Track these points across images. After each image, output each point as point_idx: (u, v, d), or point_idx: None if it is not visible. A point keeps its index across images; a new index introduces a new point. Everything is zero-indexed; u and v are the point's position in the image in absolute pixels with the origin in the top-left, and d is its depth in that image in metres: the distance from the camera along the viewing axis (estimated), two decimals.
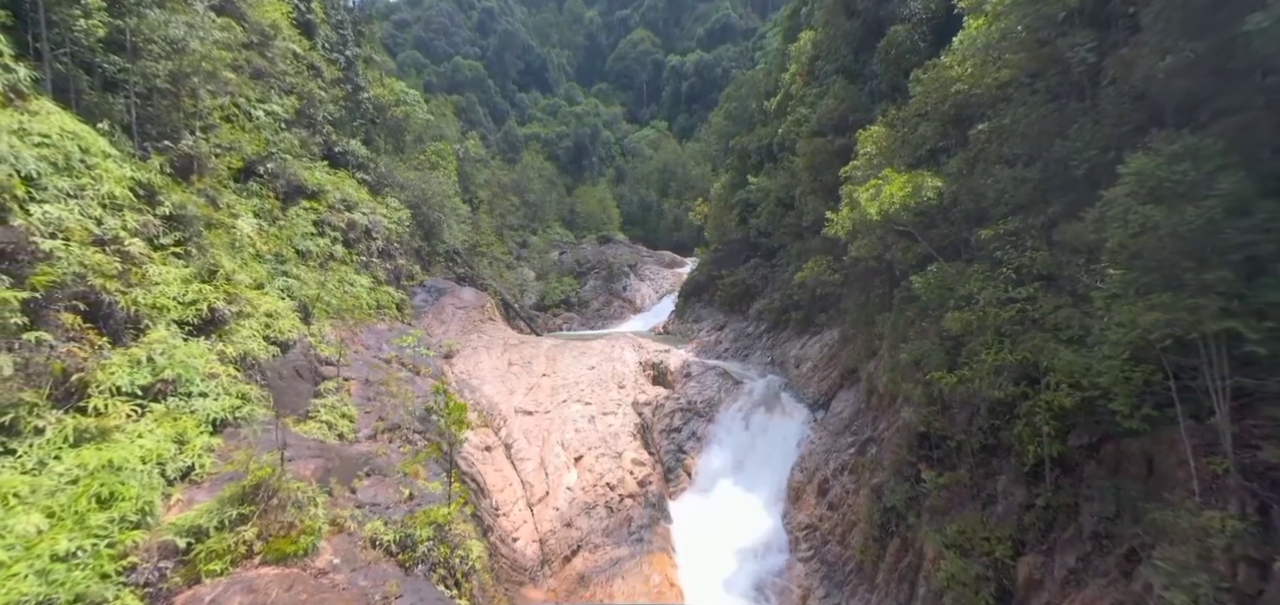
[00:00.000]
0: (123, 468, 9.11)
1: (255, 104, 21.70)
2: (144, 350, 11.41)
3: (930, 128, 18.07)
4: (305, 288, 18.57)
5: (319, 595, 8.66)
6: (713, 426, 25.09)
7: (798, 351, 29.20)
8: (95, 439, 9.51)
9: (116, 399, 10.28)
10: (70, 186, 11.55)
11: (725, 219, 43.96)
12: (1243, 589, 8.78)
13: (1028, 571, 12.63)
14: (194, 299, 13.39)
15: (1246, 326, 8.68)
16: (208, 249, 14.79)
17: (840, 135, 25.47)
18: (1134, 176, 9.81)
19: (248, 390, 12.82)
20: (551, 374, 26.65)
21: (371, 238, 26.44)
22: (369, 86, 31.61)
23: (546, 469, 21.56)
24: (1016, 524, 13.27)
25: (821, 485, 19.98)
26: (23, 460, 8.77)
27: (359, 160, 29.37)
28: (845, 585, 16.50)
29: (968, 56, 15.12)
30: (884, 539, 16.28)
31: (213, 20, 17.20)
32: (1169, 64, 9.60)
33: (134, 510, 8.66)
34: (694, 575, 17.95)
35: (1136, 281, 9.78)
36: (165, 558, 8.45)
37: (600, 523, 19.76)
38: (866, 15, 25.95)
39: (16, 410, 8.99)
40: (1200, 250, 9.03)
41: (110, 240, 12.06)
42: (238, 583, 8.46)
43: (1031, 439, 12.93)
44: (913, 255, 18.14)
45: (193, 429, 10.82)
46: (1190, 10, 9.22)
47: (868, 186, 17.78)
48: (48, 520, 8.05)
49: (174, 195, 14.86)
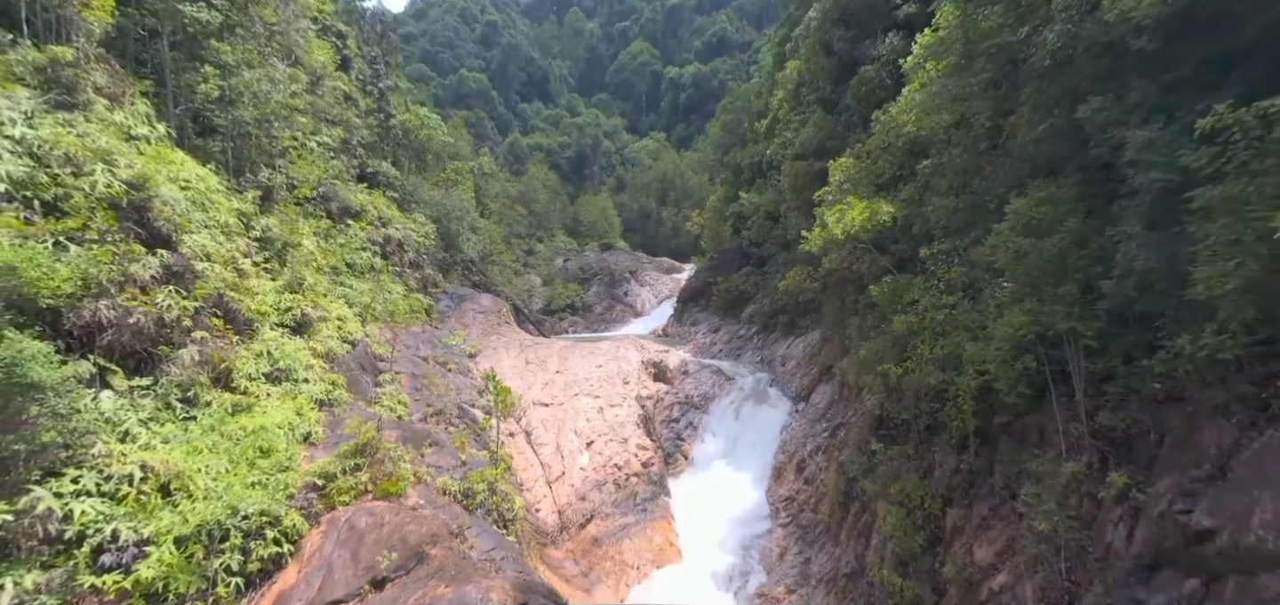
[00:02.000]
0: (268, 430, 12.44)
1: (310, 136, 25.07)
2: (262, 346, 14.73)
3: (887, 161, 21.50)
4: (360, 296, 21.91)
5: (415, 520, 12.01)
6: (707, 417, 28.44)
7: (783, 351, 32.62)
8: (245, 410, 12.82)
9: (253, 382, 13.61)
10: (205, 219, 14.90)
11: (720, 229, 47.44)
12: (1083, 516, 12.16)
13: (952, 521, 15.97)
14: (288, 307, 16.75)
15: (1084, 327, 12.08)
16: (293, 265, 18.15)
17: (819, 159, 28.87)
18: (1014, 214, 13.25)
19: (335, 378, 16.16)
20: (563, 371, 29.97)
21: (403, 250, 29.81)
22: (396, 113, 35.04)
23: (562, 452, 24.87)
24: (946, 485, 16.61)
25: (799, 464, 23.34)
26: (202, 423, 12.07)
27: (389, 180, 32.76)
28: (815, 543, 19.84)
29: (911, 107, 18.52)
30: (847, 504, 19.63)
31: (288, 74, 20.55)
32: (1037, 133, 13.04)
33: (283, 459, 11.97)
34: (690, 538, 21.28)
35: (1015, 292, 13.19)
36: (310, 491, 11.75)
37: (610, 497, 23.08)
38: (842, 54, 29.42)
39: (195, 388, 12.32)
40: (1055, 271, 12.44)
41: (229, 260, 15.41)
42: (361, 509, 11.80)
43: (957, 417, 16.31)
44: (876, 267, 21.53)
45: (305, 405, 14.13)
46: (1048, 96, 12.65)
47: (835, 209, 21.17)
48: (230, 463, 11.37)
49: (262, 220, 18.22)
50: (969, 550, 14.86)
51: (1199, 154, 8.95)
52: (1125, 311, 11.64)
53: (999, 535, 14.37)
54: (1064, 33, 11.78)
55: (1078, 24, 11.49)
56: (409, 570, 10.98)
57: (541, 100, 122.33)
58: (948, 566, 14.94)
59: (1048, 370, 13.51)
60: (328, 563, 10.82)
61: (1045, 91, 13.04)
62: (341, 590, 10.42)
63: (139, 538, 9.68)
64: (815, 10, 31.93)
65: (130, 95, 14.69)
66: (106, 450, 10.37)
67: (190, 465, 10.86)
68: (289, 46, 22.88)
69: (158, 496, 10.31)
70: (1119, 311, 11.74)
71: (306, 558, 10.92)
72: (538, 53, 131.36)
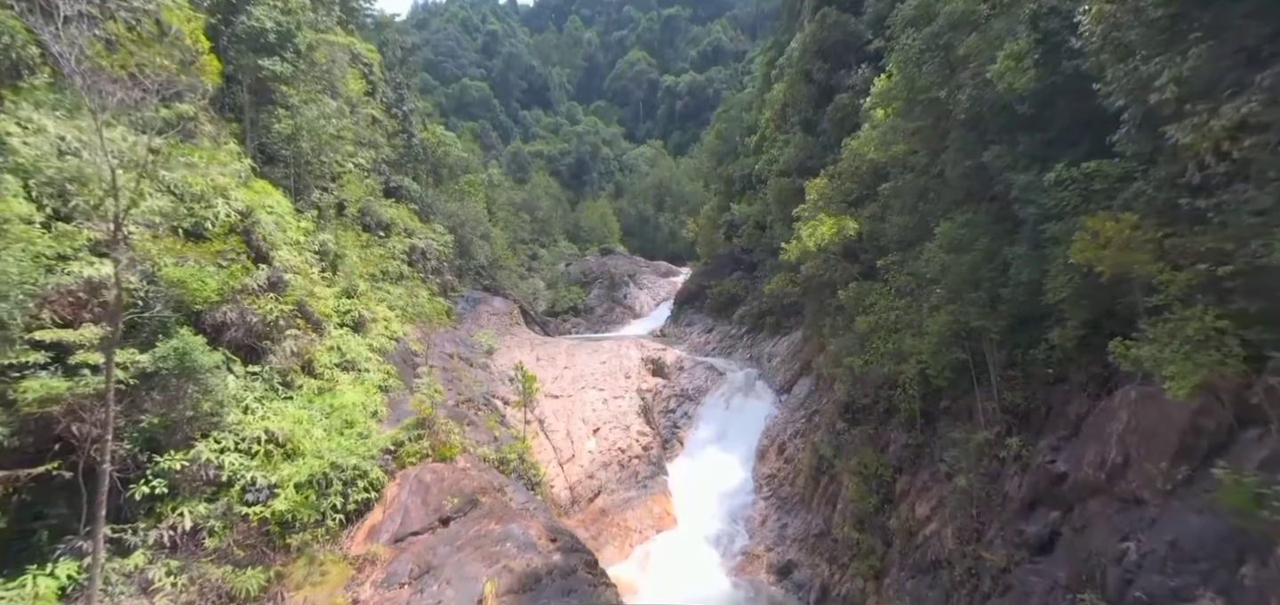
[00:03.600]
0: (348, 407, 15.69)
1: (347, 158, 28.30)
2: (333, 341, 17.97)
3: (854, 183, 24.85)
4: (397, 300, 25.14)
5: (467, 477, 15.29)
6: (701, 408, 31.76)
7: (770, 349, 35.98)
8: (327, 391, 16.04)
9: (330, 370, 16.85)
10: (285, 238, 18.14)
11: (713, 236, 50.76)
12: (990, 473, 15.49)
13: (901, 486, 19.29)
14: (347, 309, 19.99)
15: (992, 325, 15.44)
16: (346, 273, 21.38)
17: (800, 176, 32.20)
18: (941, 234, 16.63)
19: (388, 369, 19.41)
20: (571, 367, 33.22)
21: (426, 258, 33.04)
22: (417, 133, 38.27)
23: (572, 437, 28.11)
24: (897, 457, 19.95)
25: (780, 447, 26.66)
26: (298, 401, 15.30)
27: (410, 194, 35.99)
28: (791, 511, 23.15)
29: (871, 140, 21.88)
30: (818, 477, 22.94)
31: (335, 109, 23.75)
32: (959, 170, 16.41)
33: (362, 430, 15.21)
34: (685, 509, 24.57)
35: (943, 297, 16.55)
36: (385, 454, 15.00)
37: (615, 475, 26.36)
38: (821, 82, 32.82)
39: (291, 374, 15.56)
40: (971, 281, 15.79)
41: (305, 271, 18.65)
42: (425, 468, 15.06)
43: (906, 401, 19.67)
44: (847, 274, 24.85)
45: (372, 389, 17.37)
46: (966, 141, 16.02)
47: (809, 225, 24.56)
48: (324, 431, 14.61)
49: (319, 236, 21.45)
50: (912, 507, 18.22)
51: (1050, 195, 12.34)
52: (1021, 313, 15.01)
53: (934, 494, 17.72)
54: (972, 95, 15.16)
55: (981, 89, 14.86)
56: (466, 512, 14.27)
57: (541, 108, 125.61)
58: (893, 521, 18.31)
59: (971, 360, 16.90)
60: (404, 506, 14.10)
61: (964, 138, 16.42)
62: (418, 524, 13.71)
63: (269, 482, 12.90)
64: (797, 41, 35.32)
65: (225, 136, 17.86)
66: (237, 420, 13.60)
67: (297, 432, 14.11)
68: (332, 81, 26.09)
69: (279, 454, 13.56)
70: (1017, 313, 15.12)
71: (388, 502, 14.19)
72: (537, 61, 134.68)
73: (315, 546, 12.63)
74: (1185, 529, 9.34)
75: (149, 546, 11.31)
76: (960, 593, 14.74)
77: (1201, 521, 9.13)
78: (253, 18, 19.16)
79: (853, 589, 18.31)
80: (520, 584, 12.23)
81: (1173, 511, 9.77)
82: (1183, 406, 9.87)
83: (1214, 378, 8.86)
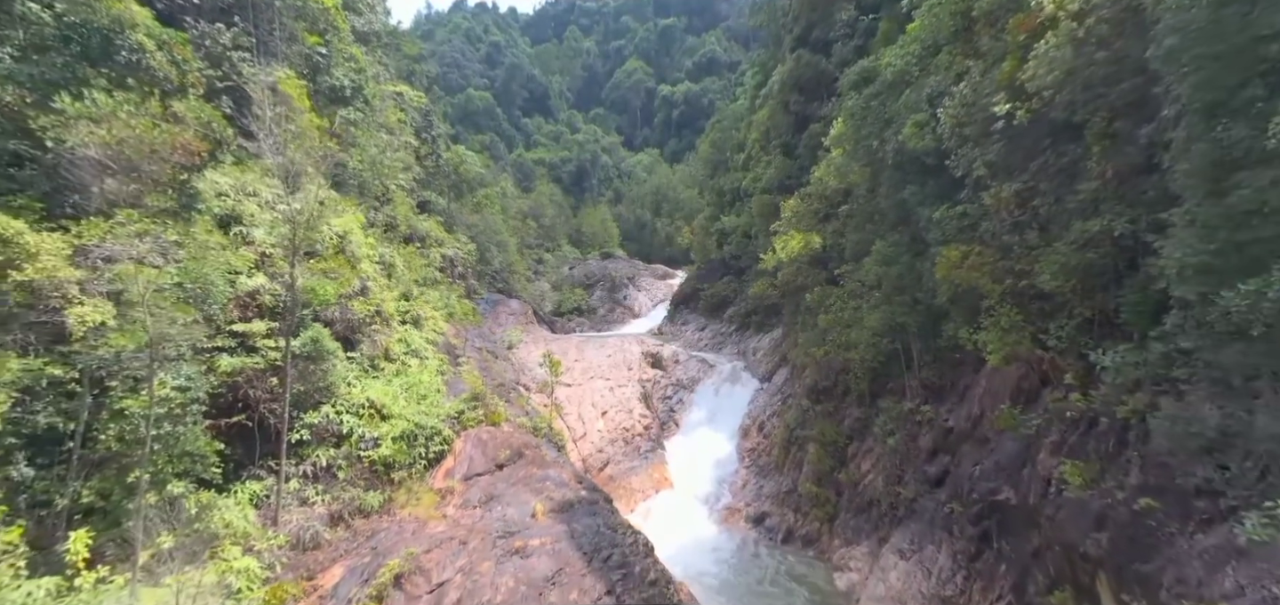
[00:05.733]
0: (420, 384, 20.45)
1: (394, 182, 33.04)
2: (401, 335, 22.73)
3: (820, 204, 29.76)
4: (438, 302, 29.89)
5: (513, 437, 20.10)
6: (694, 395, 36.58)
7: (754, 344, 40.86)
8: (402, 373, 20.80)
9: (401, 357, 21.61)
10: (364, 253, 22.89)
11: (706, 243, 55.62)
12: (910, 433, 20.38)
13: (851, 450, 24.15)
14: (406, 309, 24.75)
15: (913, 321, 20.34)
16: (401, 279, 26.12)
17: (780, 194, 37.07)
18: (876, 252, 21.53)
19: (442, 357, 24.18)
20: (581, 360, 38.02)
21: (454, 265, 37.80)
22: (444, 154, 43.00)
23: (583, 419, 32.91)
24: (850, 428, 24.81)
25: (760, 425, 31.52)
26: (383, 379, 20.05)
27: (437, 208, 40.74)
28: (767, 475, 27.99)
29: (830, 171, 26.76)
30: (788, 448, 27.79)
31: (386, 141, 28.52)
32: (890, 202, 21.30)
33: (432, 401, 19.99)
34: (680, 475, 29.39)
35: (879, 300, 21.44)
36: (451, 419, 19.77)
37: (620, 450, 31.17)
38: (797, 112, 37.73)
39: (376, 359, 20.32)
40: (897, 287, 20.68)
41: (376, 278, 23.40)
42: (482, 430, 19.83)
43: (856, 383, 24.56)
44: (817, 280, 29.72)
45: (433, 372, 22.13)
46: (893, 180, 20.91)
47: (782, 238, 29.46)
48: (406, 402, 19.37)
49: (379, 249, 26.21)
50: (858, 465, 23.08)
51: (940, 227, 17.24)
52: (933, 312, 19.89)
53: (874, 453, 22.61)
54: (895, 147, 20.04)
55: (901, 143, 19.74)
56: (515, 461, 19.08)
57: (542, 115, 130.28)
58: (843, 476, 23.20)
59: (901, 349, 21.80)
60: (469, 455, 18.89)
61: (892, 178, 21.33)
62: (480, 468, 18.51)
63: (374, 436, 17.66)
64: (778, 75, 40.24)
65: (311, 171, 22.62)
66: (345, 392, 18.36)
67: (387, 400, 18.89)
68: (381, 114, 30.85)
69: (377, 416, 18.33)
70: (929, 312, 20.01)
71: (456, 453, 18.97)
72: (538, 70, 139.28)
73: (411, 482, 17.39)
74: (1004, 453, 14.25)
75: (300, 477, 16.10)
76: (885, 522, 19.65)
77: (1012, 446, 14.03)
78: (333, 77, 23.89)
79: (811, 529, 23.18)
80: (559, 507, 17.03)
81: (1001, 443, 14.67)
82: (1010, 373, 14.78)
83: (1018, 353, 13.76)
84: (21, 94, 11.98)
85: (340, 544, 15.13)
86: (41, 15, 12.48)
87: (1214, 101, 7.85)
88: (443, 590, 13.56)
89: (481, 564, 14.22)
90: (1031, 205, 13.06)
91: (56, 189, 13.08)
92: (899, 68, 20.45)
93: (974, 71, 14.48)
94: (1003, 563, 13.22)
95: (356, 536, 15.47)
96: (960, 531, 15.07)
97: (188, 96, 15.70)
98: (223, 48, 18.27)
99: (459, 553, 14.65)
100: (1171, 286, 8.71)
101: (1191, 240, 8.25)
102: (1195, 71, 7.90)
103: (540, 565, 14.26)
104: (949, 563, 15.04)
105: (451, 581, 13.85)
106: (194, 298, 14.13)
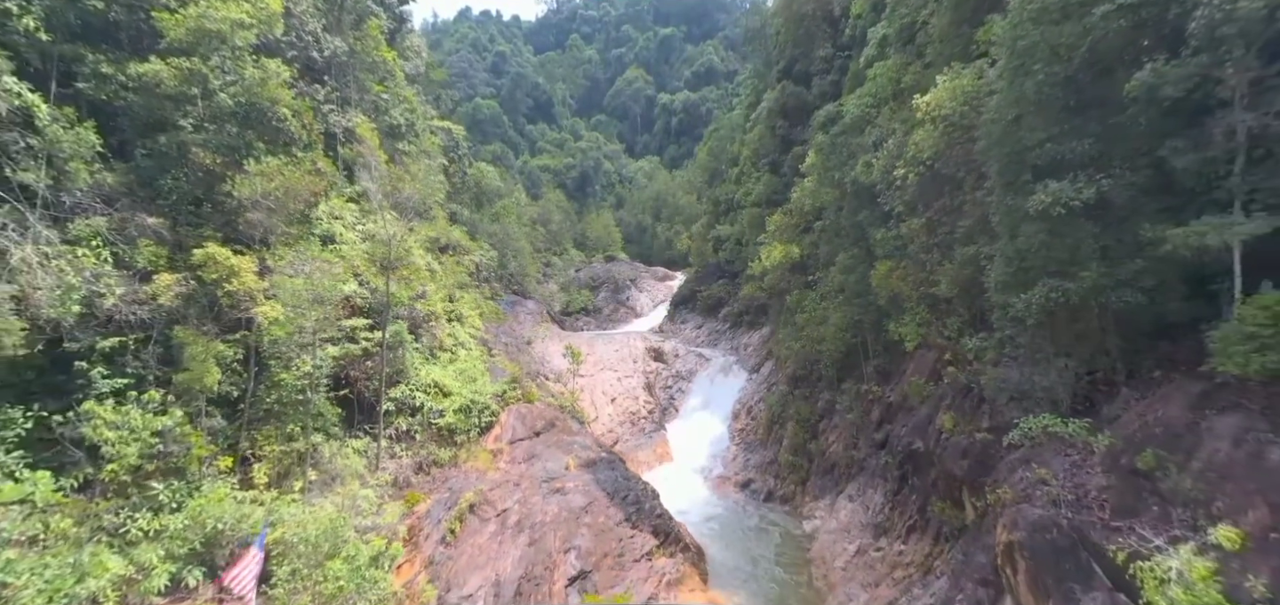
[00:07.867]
0: (470, 370, 25.38)
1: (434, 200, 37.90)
2: (449, 329, 27.65)
3: (799, 218, 34.74)
4: (471, 303, 34.80)
5: (546, 411, 25.06)
6: (692, 385, 41.52)
7: (745, 341, 45.82)
8: (455, 360, 25.72)
9: (452, 347, 26.51)
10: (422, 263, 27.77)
11: (703, 248, 60.56)
12: (864, 410, 25.32)
13: (821, 427, 29.09)
14: (451, 309, 29.67)
15: (867, 318, 25.29)
16: (443, 284, 31.03)
17: (768, 208, 42.04)
18: (838, 263, 26.50)
19: (482, 348, 29.09)
20: (591, 354, 42.90)
21: (480, 270, 42.73)
22: (469, 171, 47.89)
23: (595, 405, 37.82)
24: (821, 409, 29.74)
25: (749, 409, 36.48)
26: (439, 365, 24.93)
27: (462, 219, 45.63)
28: (753, 451, 32.95)
29: (807, 192, 31.72)
30: (772, 425, 32.74)
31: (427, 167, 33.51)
32: (850, 221, 26.26)
33: (481, 382, 24.91)
34: (680, 451, 34.34)
35: (842, 303, 26.39)
36: (496, 397, 24.68)
37: (628, 430, 36.10)
38: (783, 135, 42.70)
39: (434, 348, 25.23)
40: (856, 291, 25.62)
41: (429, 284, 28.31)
42: (521, 405, 24.75)
43: (825, 372, 29.53)
44: (796, 285, 34.68)
45: (477, 359, 27.05)
46: (854, 205, 25.86)
47: (767, 248, 34.43)
48: (460, 383, 24.28)
49: (427, 257, 31.12)
50: (826, 438, 28.00)
51: (883, 245, 22.17)
52: (882, 311, 24.81)
53: (838, 428, 27.52)
54: (853, 178, 24.96)
55: (857, 176, 24.66)
56: (548, 430, 24.04)
57: (546, 122, 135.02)
58: (814, 447, 28.13)
59: (860, 342, 26.76)
60: (512, 426, 23.84)
61: (852, 202, 26.28)
62: (522, 435, 23.46)
63: (440, 408, 22.58)
64: (766, 101, 45.22)
65: None
66: (415, 374, 23.27)
67: (446, 381, 23.82)
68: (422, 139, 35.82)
69: (439, 394, 23.24)
70: (880, 311, 24.93)
71: (502, 423, 23.91)
72: (542, 78, 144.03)
73: (469, 443, 22.30)
74: (920, 416, 19.19)
75: (388, 437, 21.03)
76: (842, 479, 24.58)
77: (925, 411, 18.98)
78: (392, 116, 28.75)
79: (787, 490, 28.11)
80: (586, 463, 21.98)
81: (919, 409, 19.62)
82: (927, 357, 19.72)
83: (929, 341, 18.70)
84: (215, 157, 16.90)
85: (424, 485, 20.09)
86: (223, 99, 17.32)
87: (1007, 181, 12.81)
88: (506, 514, 18.52)
89: (532, 497, 19.18)
90: (936, 233, 18.02)
91: (226, 222, 18.02)
92: (856, 114, 25.42)
93: (899, 132, 19.45)
94: (914, 493, 18.15)
95: (435, 481, 20.42)
96: (889, 476, 20.03)
97: (314, 149, 20.63)
98: (318, 103, 23.15)
99: (514, 491, 19.61)
100: (993, 295, 13.67)
101: (1001, 265, 13.21)
102: (997, 162, 12.87)
103: (575, 499, 19.23)
104: (881, 499, 20.00)
105: (511, 510, 18.80)
106: (318, 300, 19.07)
